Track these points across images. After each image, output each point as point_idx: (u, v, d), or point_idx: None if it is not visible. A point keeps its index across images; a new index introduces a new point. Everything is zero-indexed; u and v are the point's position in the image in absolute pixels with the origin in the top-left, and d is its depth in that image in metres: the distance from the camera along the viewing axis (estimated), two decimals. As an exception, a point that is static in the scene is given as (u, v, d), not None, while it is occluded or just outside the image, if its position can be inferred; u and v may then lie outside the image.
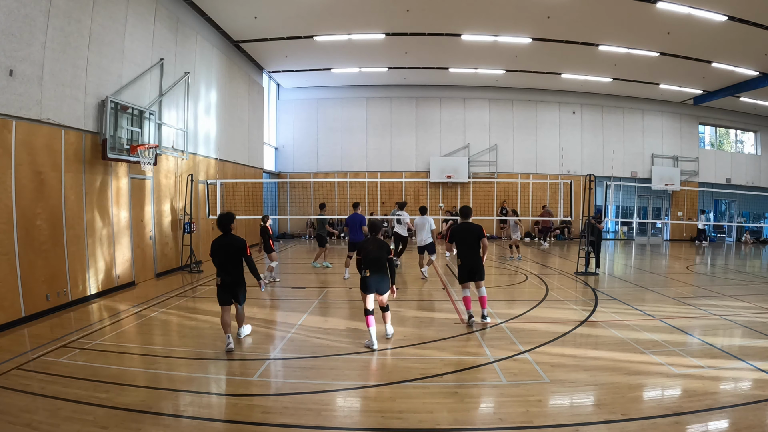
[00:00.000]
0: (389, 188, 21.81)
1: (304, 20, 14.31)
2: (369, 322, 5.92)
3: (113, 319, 7.35)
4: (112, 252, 9.29)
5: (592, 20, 13.82)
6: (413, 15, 13.81)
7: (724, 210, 25.48)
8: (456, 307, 8.17)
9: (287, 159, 22.49)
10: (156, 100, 10.83)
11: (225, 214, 6.15)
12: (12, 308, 6.74)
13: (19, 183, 6.93)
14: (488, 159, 22.13)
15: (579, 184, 18.74)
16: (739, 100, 21.27)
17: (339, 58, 18.08)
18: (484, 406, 4.42)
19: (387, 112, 22.26)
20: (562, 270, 12.50)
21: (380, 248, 5.99)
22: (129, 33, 9.76)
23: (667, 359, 5.42)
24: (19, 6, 6.85)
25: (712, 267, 14.45)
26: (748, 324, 7.09)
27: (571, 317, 7.47)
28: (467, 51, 16.87)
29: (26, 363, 5.26)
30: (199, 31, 13.33)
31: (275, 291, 9.71)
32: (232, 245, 5.96)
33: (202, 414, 4.20)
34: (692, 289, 10.29)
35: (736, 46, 14.95)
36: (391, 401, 4.40)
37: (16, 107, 6.89)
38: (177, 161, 11.98)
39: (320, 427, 3.95)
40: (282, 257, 15.43)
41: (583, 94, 22.28)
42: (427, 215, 11.16)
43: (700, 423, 3.97)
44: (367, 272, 5.93)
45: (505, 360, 5.48)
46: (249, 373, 5.12)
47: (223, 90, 15.18)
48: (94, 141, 8.72)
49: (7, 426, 3.82)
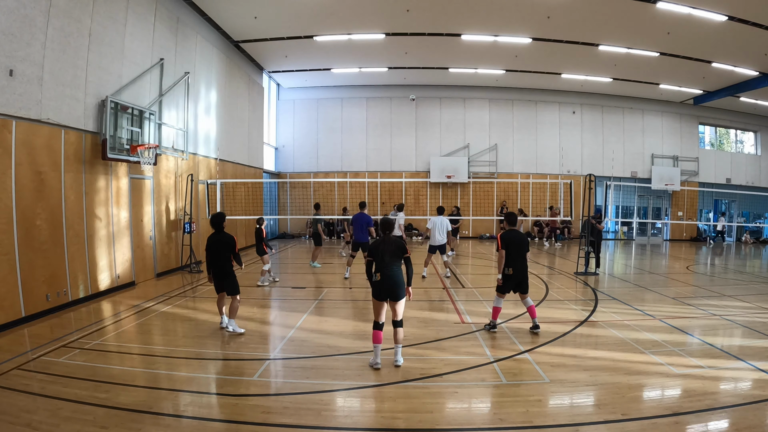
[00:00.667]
0: (389, 188, 21.81)
1: (304, 20, 14.31)
2: (377, 338, 5.24)
3: (113, 319, 7.36)
4: (112, 252, 9.29)
5: (592, 20, 13.82)
6: (413, 15, 13.81)
7: (724, 210, 25.49)
8: (456, 307, 8.17)
9: (287, 159, 22.49)
10: (156, 100, 10.83)
11: (218, 214, 6.87)
12: (12, 308, 6.74)
13: (19, 183, 6.93)
14: (488, 159, 22.12)
15: (579, 184, 18.74)
16: (739, 100, 21.26)
17: (339, 58, 18.07)
18: (484, 406, 4.42)
19: (387, 112, 22.25)
20: (562, 270, 12.50)
21: (396, 248, 5.37)
22: (129, 33, 9.76)
23: (667, 359, 5.43)
24: (19, 6, 6.85)
25: (712, 267, 14.45)
26: (748, 324, 7.09)
27: (571, 317, 7.47)
28: (467, 51, 16.87)
29: (26, 363, 5.26)
30: (199, 31, 13.33)
31: (275, 291, 9.71)
32: (223, 242, 6.63)
33: (202, 414, 4.20)
34: (692, 289, 10.29)
35: (736, 46, 14.95)
36: (391, 401, 4.41)
37: (16, 107, 6.89)
38: (177, 161, 11.98)
39: (320, 427, 3.95)
40: (282, 257, 15.43)
41: (583, 94, 22.28)
42: (443, 216, 11.05)
43: (700, 423, 3.97)
44: (378, 275, 5.27)
45: (505, 360, 5.48)
46: (249, 373, 5.12)
47: (223, 90, 15.18)
48: (94, 141, 8.72)
49: (7, 426, 3.82)
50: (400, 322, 5.40)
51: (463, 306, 8.23)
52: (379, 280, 5.26)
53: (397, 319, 5.37)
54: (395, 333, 5.38)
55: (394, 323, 5.39)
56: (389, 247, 5.34)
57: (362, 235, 10.73)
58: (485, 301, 8.62)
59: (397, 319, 5.37)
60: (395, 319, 5.38)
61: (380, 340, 5.25)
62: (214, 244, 6.64)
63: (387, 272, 5.25)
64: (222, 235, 6.66)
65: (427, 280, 10.79)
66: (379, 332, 5.27)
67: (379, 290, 5.29)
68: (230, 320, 6.58)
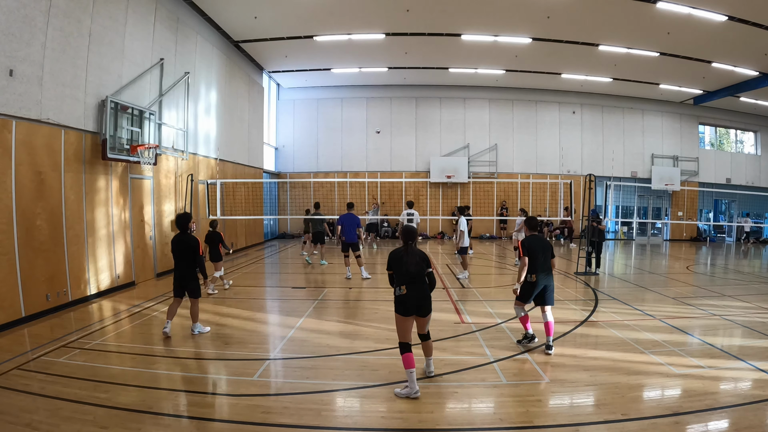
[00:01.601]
0: (389, 188, 21.81)
1: (304, 20, 14.30)
2: (409, 362, 4.55)
3: (113, 319, 7.35)
4: (112, 252, 9.29)
5: (592, 20, 13.82)
6: (413, 15, 13.81)
7: (724, 210, 25.48)
8: (456, 307, 8.17)
9: (287, 159, 22.49)
10: (156, 100, 10.83)
11: (183, 214, 6.64)
12: (12, 308, 6.74)
13: (19, 183, 6.93)
14: (488, 159, 22.12)
15: (579, 184, 18.74)
16: (739, 100, 21.26)
17: (339, 58, 18.07)
18: (484, 406, 4.42)
19: (387, 112, 22.25)
20: (562, 270, 12.50)
21: (420, 260, 4.84)
22: (129, 33, 9.76)
23: (667, 359, 5.43)
24: (19, 6, 6.85)
25: (712, 267, 14.45)
26: (748, 324, 7.09)
27: (571, 317, 7.47)
28: (467, 51, 16.87)
29: (26, 363, 5.26)
30: (199, 31, 13.33)
31: (275, 291, 9.70)
32: (186, 243, 6.42)
33: (202, 414, 4.20)
34: (692, 289, 10.29)
35: (736, 46, 14.95)
36: (391, 401, 4.40)
37: (16, 107, 6.89)
38: (177, 161, 11.98)
39: (320, 427, 3.95)
40: (282, 257, 15.42)
41: (583, 94, 22.28)
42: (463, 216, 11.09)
43: (700, 423, 3.97)
44: (403, 289, 4.72)
45: (505, 360, 5.48)
46: (249, 373, 5.12)
47: (223, 90, 15.18)
48: (94, 141, 8.72)
49: (7, 426, 3.82)
50: (428, 334, 4.98)
51: (463, 306, 8.23)
52: (404, 294, 4.71)
53: (424, 333, 4.95)
54: (425, 346, 4.98)
55: (421, 337, 4.96)
56: (413, 258, 4.81)
57: (351, 235, 10.86)
58: (485, 301, 8.62)
59: (423, 333, 4.95)
60: (422, 333, 4.95)
61: (412, 363, 4.57)
62: (177, 245, 6.44)
63: (412, 285, 4.74)
64: (186, 236, 6.47)
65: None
66: (409, 354, 4.60)
67: (406, 305, 4.70)
68: (195, 324, 6.52)
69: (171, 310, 6.49)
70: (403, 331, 4.71)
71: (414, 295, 4.69)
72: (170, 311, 6.48)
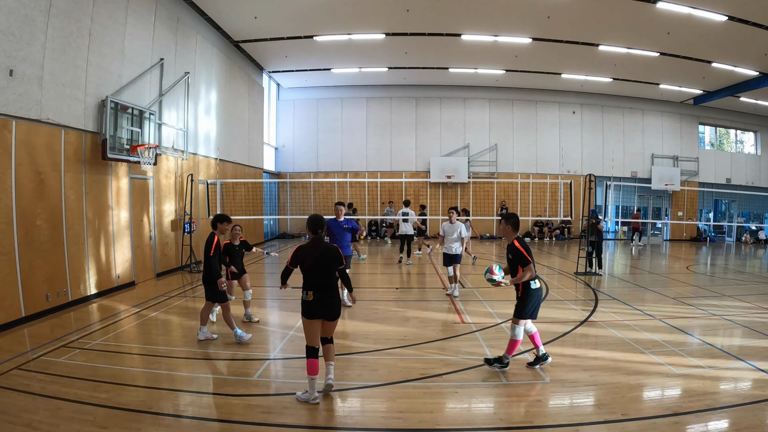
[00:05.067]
0: (389, 188, 21.81)
1: (304, 20, 14.30)
2: (313, 368, 4.28)
3: (113, 319, 7.35)
4: (112, 252, 9.29)
5: (592, 20, 13.82)
6: (413, 15, 13.81)
7: (724, 210, 25.48)
8: (456, 307, 8.17)
9: (287, 159, 22.49)
10: (156, 100, 10.83)
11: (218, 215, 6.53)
12: (12, 308, 6.74)
13: (19, 183, 6.93)
14: (488, 159, 22.12)
15: (579, 184, 18.73)
16: (739, 100, 21.26)
17: (339, 58, 18.07)
18: (484, 406, 4.42)
19: (387, 112, 22.25)
20: (562, 270, 12.49)
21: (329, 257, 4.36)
22: (129, 33, 9.75)
23: (667, 359, 5.42)
24: (19, 6, 6.85)
25: (712, 267, 14.45)
26: (748, 324, 7.09)
27: (571, 317, 7.47)
28: (467, 51, 16.86)
29: (26, 363, 5.25)
30: (199, 31, 13.33)
31: (275, 291, 9.69)
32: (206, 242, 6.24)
33: (202, 414, 4.20)
34: (692, 289, 10.29)
35: (736, 46, 14.94)
36: (391, 401, 4.40)
37: (16, 107, 6.89)
38: (177, 161, 11.98)
39: (320, 427, 3.95)
40: (282, 257, 15.41)
41: (583, 94, 22.27)
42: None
43: (700, 423, 3.97)
44: (310, 294, 4.29)
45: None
46: (249, 373, 5.12)
47: (223, 90, 15.18)
48: (94, 141, 8.72)
49: (7, 426, 3.82)
50: (330, 338, 4.60)
51: (463, 306, 8.23)
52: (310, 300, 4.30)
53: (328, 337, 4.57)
54: (325, 350, 4.56)
55: (323, 340, 4.53)
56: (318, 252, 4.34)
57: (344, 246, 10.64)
58: (485, 301, 8.62)
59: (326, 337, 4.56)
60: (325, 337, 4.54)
61: (316, 369, 4.31)
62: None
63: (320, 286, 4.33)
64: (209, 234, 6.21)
65: (427, 279, 10.78)
66: (314, 360, 4.33)
67: (311, 309, 4.33)
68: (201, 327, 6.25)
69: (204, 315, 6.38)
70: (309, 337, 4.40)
71: (321, 299, 4.31)
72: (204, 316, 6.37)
